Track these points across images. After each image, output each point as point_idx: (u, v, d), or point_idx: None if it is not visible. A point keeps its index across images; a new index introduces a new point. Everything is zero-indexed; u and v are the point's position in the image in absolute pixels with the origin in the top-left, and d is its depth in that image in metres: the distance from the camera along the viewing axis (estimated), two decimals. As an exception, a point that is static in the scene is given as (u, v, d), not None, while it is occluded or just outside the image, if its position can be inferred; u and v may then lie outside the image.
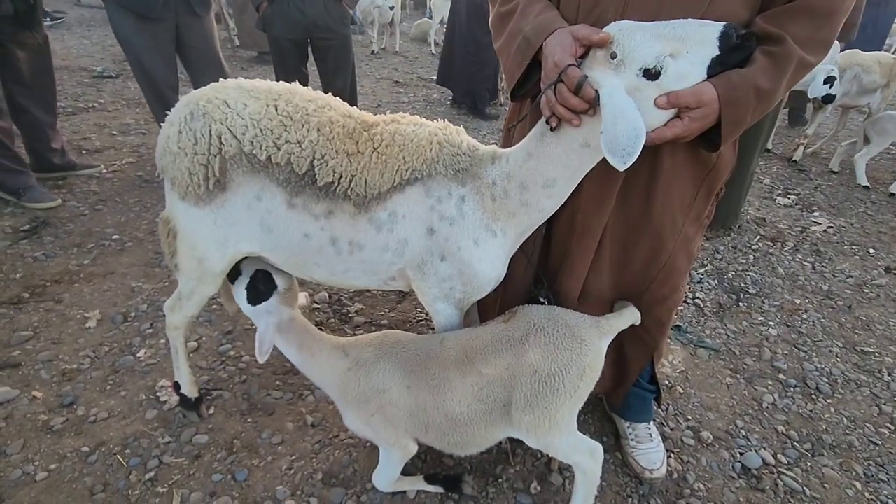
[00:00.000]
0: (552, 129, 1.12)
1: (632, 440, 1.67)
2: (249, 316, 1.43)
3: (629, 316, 1.35)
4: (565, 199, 1.24)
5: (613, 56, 0.98)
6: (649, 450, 1.64)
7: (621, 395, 1.66)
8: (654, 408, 1.76)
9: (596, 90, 0.99)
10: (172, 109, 1.31)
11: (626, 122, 0.96)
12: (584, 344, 1.24)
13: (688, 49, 0.96)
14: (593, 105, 1.01)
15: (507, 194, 1.24)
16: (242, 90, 1.27)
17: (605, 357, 1.30)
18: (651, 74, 0.98)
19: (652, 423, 1.70)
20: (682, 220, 1.31)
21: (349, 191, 1.25)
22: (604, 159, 1.04)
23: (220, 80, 1.33)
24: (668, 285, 1.40)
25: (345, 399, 1.37)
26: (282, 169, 1.24)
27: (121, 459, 1.54)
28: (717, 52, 0.97)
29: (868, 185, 4.17)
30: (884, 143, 4.11)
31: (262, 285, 1.40)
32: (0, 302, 2.15)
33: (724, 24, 0.96)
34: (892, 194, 4.06)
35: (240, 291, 1.42)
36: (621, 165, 0.97)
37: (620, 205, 1.31)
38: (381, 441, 1.38)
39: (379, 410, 1.31)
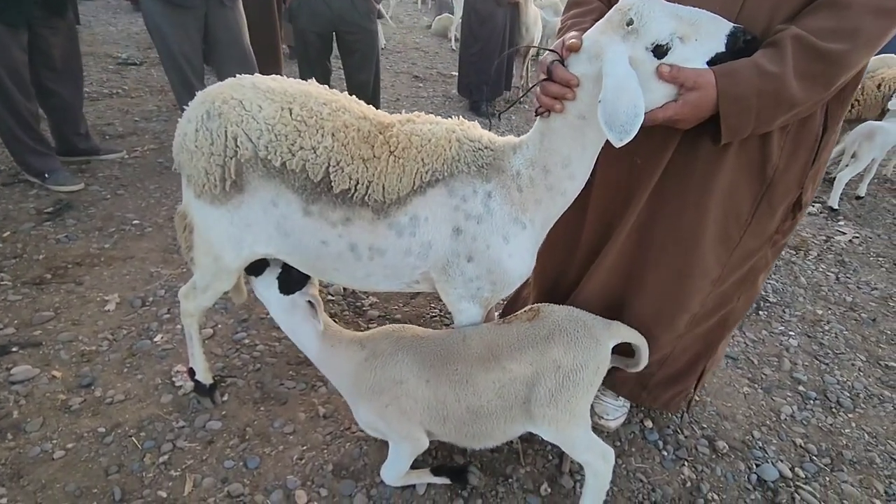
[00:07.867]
0: (537, 115, 1.16)
1: (600, 391, 1.75)
2: (273, 307, 1.42)
3: (636, 334, 1.40)
4: (585, 179, 1.22)
5: (630, 23, 0.95)
6: (609, 403, 1.74)
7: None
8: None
9: (574, 74, 1.04)
10: (189, 105, 1.28)
11: (627, 97, 0.94)
12: (599, 343, 1.32)
13: (697, 37, 0.95)
14: (572, 87, 1.05)
15: (533, 181, 1.22)
16: (258, 91, 1.23)
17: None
18: (660, 52, 0.96)
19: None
20: (737, 235, 1.28)
21: (366, 197, 1.22)
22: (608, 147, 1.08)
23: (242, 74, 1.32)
24: (701, 306, 1.40)
25: (358, 391, 1.37)
26: (297, 176, 1.22)
27: (136, 441, 1.56)
28: (723, 50, 0.95)
29: (838, 208, 3.74)
30: (868, 159, 3.75)
31: (296, 273, 1.40)
32: (23, 282, 2.19)
33: (734, 24, 0.95)
34: None
35: (268, 282, 1.41)
36: (617, 142, 0.96)
37: (655, 213, 1.30)
38: (392, 434, 1.38)
39: (394, 402, 1.32)
